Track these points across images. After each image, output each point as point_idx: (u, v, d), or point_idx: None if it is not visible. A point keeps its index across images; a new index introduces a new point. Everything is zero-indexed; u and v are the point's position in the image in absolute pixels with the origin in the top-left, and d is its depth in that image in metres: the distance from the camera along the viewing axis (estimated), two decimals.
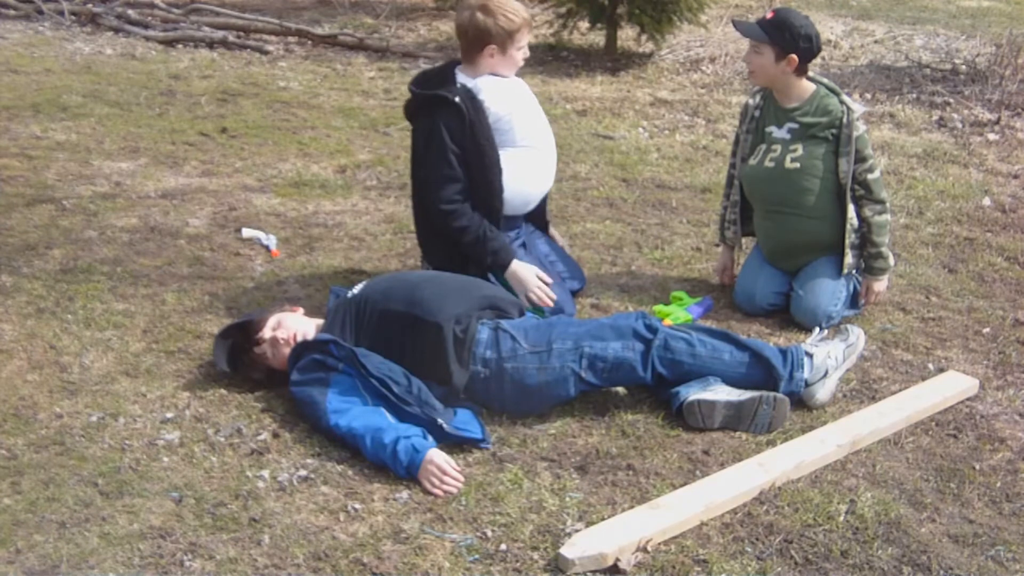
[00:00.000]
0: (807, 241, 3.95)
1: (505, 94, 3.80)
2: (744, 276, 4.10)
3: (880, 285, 3.97)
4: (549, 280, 3.77)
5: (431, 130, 3.70)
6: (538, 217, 4.14)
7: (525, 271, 3.75)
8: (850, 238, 3.88)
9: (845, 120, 3.81)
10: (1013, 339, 3.87)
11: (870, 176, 3.85)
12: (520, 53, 3.84)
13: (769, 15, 3.84)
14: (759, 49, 3.84)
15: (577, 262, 4.23)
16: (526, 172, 3.84)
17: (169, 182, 5.25)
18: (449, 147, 3.66)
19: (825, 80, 3.95)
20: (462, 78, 3.78)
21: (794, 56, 3.79)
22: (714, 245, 4.61)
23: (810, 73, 3.91)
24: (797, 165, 3.87)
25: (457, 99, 3.66)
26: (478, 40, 3.74)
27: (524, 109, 3.85)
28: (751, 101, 4.05)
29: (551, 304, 3.72)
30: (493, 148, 3.72)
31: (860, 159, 3.83)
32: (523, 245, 3.98)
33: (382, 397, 3.04)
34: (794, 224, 3.94)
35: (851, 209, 3.86)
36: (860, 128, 3.83)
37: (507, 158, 3.77)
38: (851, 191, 3.85)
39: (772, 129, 3.94)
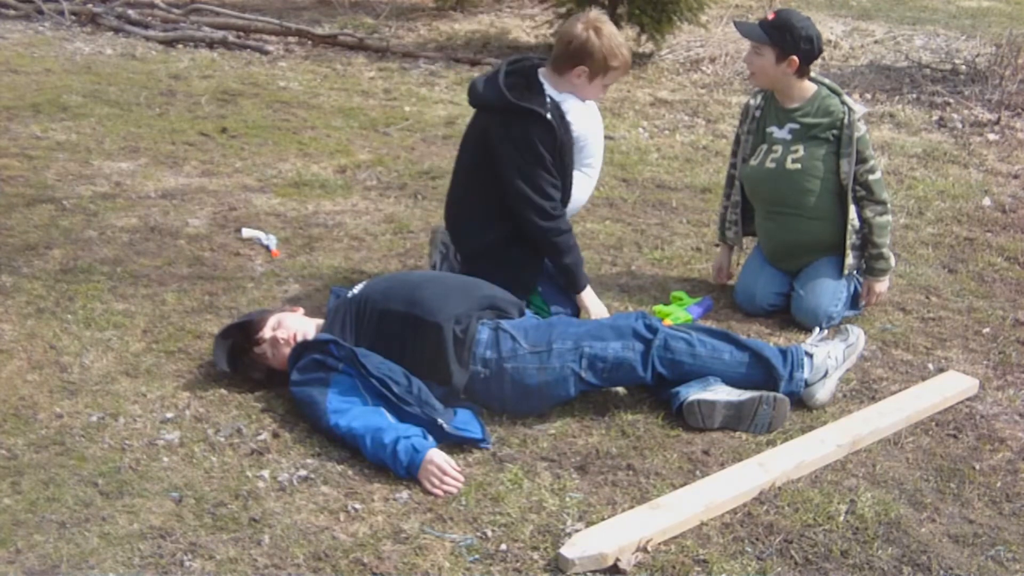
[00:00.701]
0: (808, 242, 3.95)
1: (586, 117, 3.79)
2: (745, 276, 4.10)
3: (881, 286, 3.97)
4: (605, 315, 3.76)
5: (528, 142, 3.63)
6: None
7: (598, 302, 3.80)
8: (851, 239, 3.88)
9: (846, 121, 3.81)
10: (1013, 339, 3.87)
11: (871, 177, 3.85)
12: (604, 91, 3.83)
13: (770, 16, 3.84)
14: (760, 50, 3.83)
15: None
16: (578, 193, 3.85)
17: (169, 182, 5.25)
18: (547, 159, 3.64)
19: (827, 80, 3.95)
20: (549, 89, 3.73)
21: (795, 57, 3.78)
22: (714, 245, 4.61)
23: (812, 74, 3.91)
24: (798, 166, 3.86)
25: (549, 116, 3.63)
26: (576, 55, 3.68)
27: (598, 135, 3.87)
28: (752, 101, 4.05)
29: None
30: (572, 168, 3.76)
31: (861, 160, 3.83)
32: None
33: (382, 397, 3.05)
34: (795, 225, 3.94)
35: (852, 210, 3.86)
36: (861, 129, 3.83)
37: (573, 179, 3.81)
38: (852, 192, 3.85)
39: (773, 129, 3.94)
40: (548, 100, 3.68)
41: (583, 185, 3.87)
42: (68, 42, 8.17)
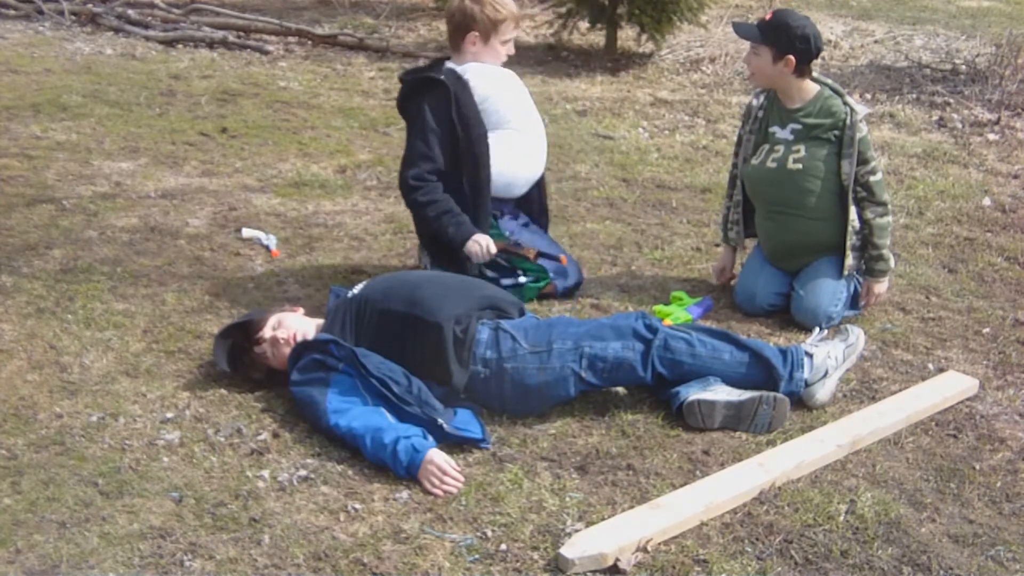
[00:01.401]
0: (808, 242, 3.95)
1: (490, 77, 3.88)
2: (745, 276, 4.09)
3: (881, 287, 3.97)
4: (494, 252, 3.81)
5: (416, 111, 3.79)
6: (536, 211, 4.14)
7: (485, 238, 3.80)
8: (851, 240, 3.87)
9: (848, 122, 3.80)
10: (1013, 339, 3.87)
11: (872, 178, 3.84)
12: (505, 47, 3.92)
13: (767, 16, 3.84)
14: (757, 50, 3.84)
15: (577, 261, 4.23)
16: (510, 153, 3.87)
17: (169, 182, 5.25)
18: (430, 127, 3.74)
19: (829, 80, 3.94)
20: (450, 65, 3.88)
21: (791, 57, 3.77)
22: (714, 245, 4.61)
23: (814, 74, 3.90)
24: (799, 166, 3.86)
25: (442, 77, 3.78)
26: (463, 26, 3.84)
27: (509, 93, 3.91)
28: (755, 101, 4.04)
29: (485, 258, 3.79)
30: (479, 122, 3.79)
31: (862, 161, 3.82)
32: (526, 225, 4.07)
33: (382, 397, 3.04)
34: (796, 225, 3.94)
35: (853, 211, 3.86)
36: (863, 130, 3.82)
37: (492, 139, 3.83)
38: (853, 193, 3.85)
39: (775, 129, 3.94)
40: (446, 68, 3.82)
41: (515, 143, 3.87)
42: (68, 42, 8.17)
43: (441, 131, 3.75)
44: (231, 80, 7.32)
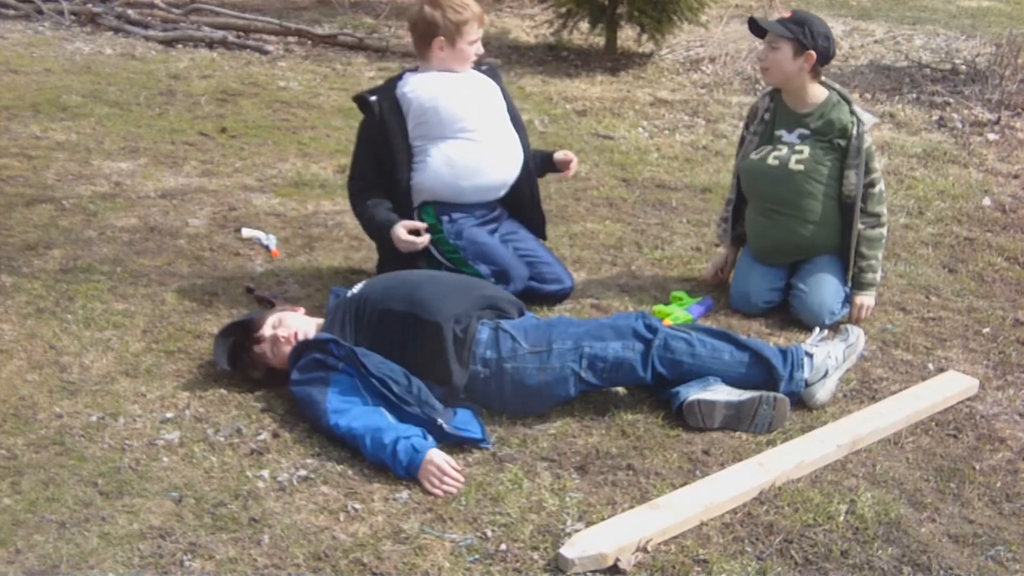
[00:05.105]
0: (800, 243, 3.92)
1: (433, 87, 3.85)
2: (737, 278, 4.08)
3: (868, 300, 3.92)
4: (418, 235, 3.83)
5: (358, 129, 3.97)
6: (527, 216, 4.10)
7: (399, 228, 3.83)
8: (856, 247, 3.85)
9: (855, 132, 3.77)
10: (1013, 339, 3.87)
11: (871, 190, 3.81)
12: (472, 48, 3.90)
13: (788, 14, 3.83)
14: (776, 44, 3.78)
15: (563, 262, 4.16)
16: (459, 163, 3.83)
17: (169, 182, 5.25)
18: (360, 147, 3.92)
19: (837, 86, 3.91)
20: (408, 75, 3.91)
21: (812, 53, 3.75)
22: (714, 245, 4.61)
23: (822, 78, 3.87)
24: (801, 168, 3.84)
25: (373, 98, 3.85)
26: (427, 34, 3.84)
27: (457, 100, 3.85)
28: (761, 103, 4.00)
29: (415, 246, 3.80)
30: (401, 146, 3.84)
31: (865, 172, 3.80)
32: (494, 232, 3.98)
33: (382, 397, 3.04)
34: (790, 225, 3.91)
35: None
36: (868, 140, 3.79)
37: (441, 149, 3.82)
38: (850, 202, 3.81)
39: (782, 133, 3.91)
40: (387, 87, 3.90)
41: (465, 153, 3.83)
42: (68, 42, 8.17)
43: (368, 148, 3.90)
44: (231, 80, 7.32)
